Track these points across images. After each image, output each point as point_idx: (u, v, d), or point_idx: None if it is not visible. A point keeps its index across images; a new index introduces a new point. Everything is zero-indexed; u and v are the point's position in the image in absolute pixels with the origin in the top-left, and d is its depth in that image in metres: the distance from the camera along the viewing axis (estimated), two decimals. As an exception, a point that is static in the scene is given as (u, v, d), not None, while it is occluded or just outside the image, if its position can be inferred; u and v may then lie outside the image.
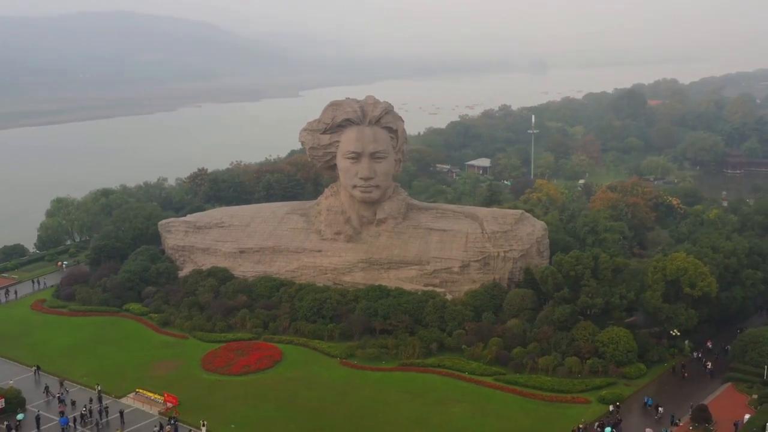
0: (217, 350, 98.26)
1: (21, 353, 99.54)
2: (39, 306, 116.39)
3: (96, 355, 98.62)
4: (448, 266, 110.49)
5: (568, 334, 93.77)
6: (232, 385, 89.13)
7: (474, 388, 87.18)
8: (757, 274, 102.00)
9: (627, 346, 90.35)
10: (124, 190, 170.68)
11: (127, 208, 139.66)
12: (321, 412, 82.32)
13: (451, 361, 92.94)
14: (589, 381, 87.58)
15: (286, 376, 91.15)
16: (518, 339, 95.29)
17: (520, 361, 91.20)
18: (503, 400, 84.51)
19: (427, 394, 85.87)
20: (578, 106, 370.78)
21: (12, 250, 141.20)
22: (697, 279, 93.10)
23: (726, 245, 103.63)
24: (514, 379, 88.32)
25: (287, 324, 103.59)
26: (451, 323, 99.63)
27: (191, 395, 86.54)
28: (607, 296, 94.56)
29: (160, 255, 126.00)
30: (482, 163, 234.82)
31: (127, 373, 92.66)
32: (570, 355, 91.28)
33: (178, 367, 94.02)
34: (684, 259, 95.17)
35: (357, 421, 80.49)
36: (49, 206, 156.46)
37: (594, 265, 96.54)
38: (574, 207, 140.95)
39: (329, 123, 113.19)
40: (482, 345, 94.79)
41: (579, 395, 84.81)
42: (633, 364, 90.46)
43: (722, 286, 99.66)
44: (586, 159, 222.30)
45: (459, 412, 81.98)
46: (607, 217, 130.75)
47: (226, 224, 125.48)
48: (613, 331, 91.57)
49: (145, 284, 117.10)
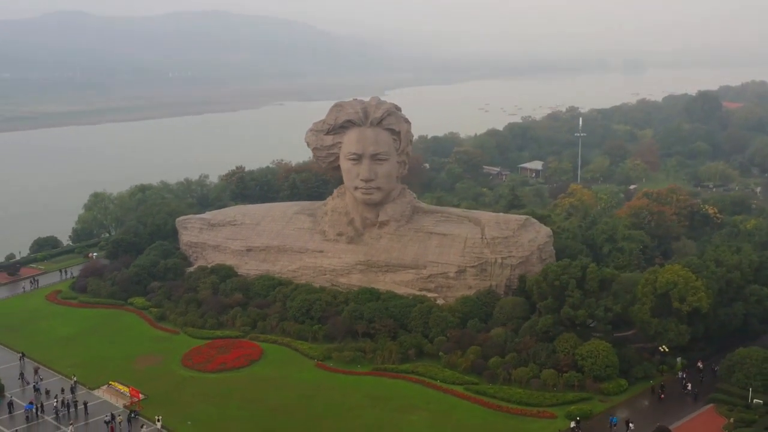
0: (202, 347, 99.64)
1: (18, 341, 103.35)
2: (53, 296, 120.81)
3: (87, 346, 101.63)
4: (444, 271, 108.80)
5: (550, 346, 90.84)
6: (204, 382, 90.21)
7: (441, 397, 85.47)
8: (763, 290, 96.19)
9: (606, 360, 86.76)
10: (164, 186, 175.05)
11: (152, 203, 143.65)
12: (281, 414, 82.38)
13: (425, 368, 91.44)
14: (562, 395, 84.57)
15: (259, 376, 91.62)
16: (498, 348, 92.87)
17: (494, 372, 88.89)
18: (467, 410, 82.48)
19: (392, 401, 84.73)
20: (653, 108, 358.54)
21: (45, 242, 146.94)
22: (688, 293, 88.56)
23: (731, 259, 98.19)
24: (483, 390, 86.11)
25: (275, 323, 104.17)
26: (435, 329, 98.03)
27: (161, 390, 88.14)
28: (591, 308, 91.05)
29: (173, 251, 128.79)
30: (535, 166, 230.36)
31: (109, 366, 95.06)
32: (548, 367, 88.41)
33: (159, 362, 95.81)
34: (675, 272, 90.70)
35: (313, 424, 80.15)
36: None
37: (581, 275, 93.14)
38: (595, 214, 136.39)
39: (332, 124, 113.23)
40: (460, 353, 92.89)
41: (546, 409, 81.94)
42: (613, 380, 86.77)
43: (723, 302, 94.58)
44: (640, 164, 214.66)
45: (417, 421, 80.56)
46: (627, 226, 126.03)
47: (238, 222, 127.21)
48: (592, 345, 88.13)
49: (153, 279, 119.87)
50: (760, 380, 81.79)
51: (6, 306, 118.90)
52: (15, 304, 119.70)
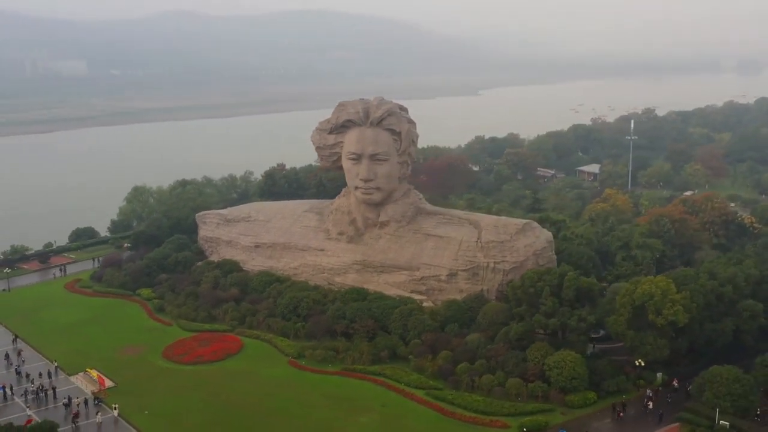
0: (187, 339, 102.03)
1: (23, 326, 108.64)
2: (72, 285, 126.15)
3: (83, 334, 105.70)
4: (436, 274, 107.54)
5: (521, 354, 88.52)
6: (177, 374, 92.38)
7: (399, 401, 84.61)
8: (757, 305, 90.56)
9: (572, 372, 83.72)
10: (207, 182, 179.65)
11: (181, 198, 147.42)
12: (236, 408, 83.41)
13: (393, 370, 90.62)
14: (523, 405, 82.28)
15: (230, 370, 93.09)
16: (469, 354, 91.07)
17: (460, 378, 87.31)
18: (420, 415, 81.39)
19: (349, 401, 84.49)
20: (742, 111, 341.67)
21: (83, 232, 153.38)
22: (664, 306, 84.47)
23: (724, 272, 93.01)
24: (443, 395, 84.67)
25: (262, 319, 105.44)
26: (412, 332, 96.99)
27: (133, 379, 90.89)
28: (564, 317, 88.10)
29: (190, 245, 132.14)
30: (592, 169, 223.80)
31: (95, 354, 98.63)
32: (515, 376, 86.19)
33: (141, 352, 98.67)
34: (654, 284, 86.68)
35: (262, 421, 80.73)
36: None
37: (558, 283, 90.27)
38: (613, 220, 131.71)
39: (334, 123, 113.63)
40: (431, 357, 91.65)
41: (500, 419, 79.87)
42: (580, 393, 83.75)
43: (712, 317, 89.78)
44: (701, 169, 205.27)
45: (366, 422, 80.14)
46: (645, 234, 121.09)
47: (251, 219, 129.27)
48: (561, 355, 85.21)
49: (163, 271, 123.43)
50: (729, 401, 77.22)
51: (27, 292, 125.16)
52: (36, 290, 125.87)
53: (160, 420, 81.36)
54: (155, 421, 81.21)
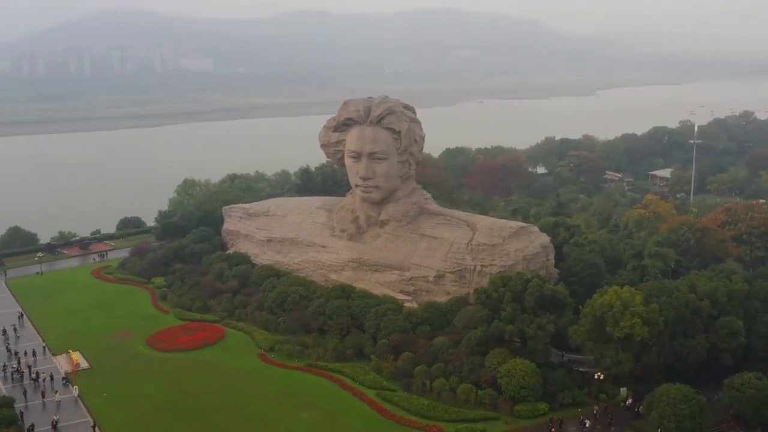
0: (176, 327, 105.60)
1: (36, 307, 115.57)
2: (98, 271, 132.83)
3: (85, 317, 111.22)
4: (425, 275, 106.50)
5: (479, 360, 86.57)
6: (150, 360, 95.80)
7: (348, 399, 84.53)
8: (736, 322, 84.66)
9: (521, 381, 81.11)
10: (259, 176, 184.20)
11: (217, 191, 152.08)
12: (191, 397, 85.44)
13: (352, 369, 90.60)
14: (467, 412, 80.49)
15: (201, 359, 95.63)
16: (430, 357, 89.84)
17: (411, 380, 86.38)
18: (361, 415, 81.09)
19: (298, 397, 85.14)
20: None
21: (129, 222, 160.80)
22: (623, 317, 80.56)
23: (704, 286, 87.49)
24: (391, 397, 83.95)
25: (250, 312, 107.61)
26: (383, 332, 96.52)
27: (110, 362, 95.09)
28: (523, 324, 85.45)
29: (212, 237, 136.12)
30: (664, 173, 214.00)
31: (87, 336, 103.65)
32: (469, 381, 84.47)
33: (129, 337, 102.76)
34: (617, 294, 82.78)
35: (207, 411, 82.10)
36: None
37: (522, 290, 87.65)
38: (631, 227, 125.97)
39: (337, 121, 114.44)
40: (393, 358, 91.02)
41: (438, 424, 78.44)
42: (529, 403, 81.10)
43: (687, 332, 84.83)
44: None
45: (305, 418, 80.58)
46: (660, 242, 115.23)
47: (270, 213, 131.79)
48: (513, 363, 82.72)
49: (179, 261, 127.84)
50: (674, 422, 72.78)
51: (57, 275, 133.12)
52: (65, 274, 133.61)
53: (114, 403, 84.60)
54: (109, 403, 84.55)
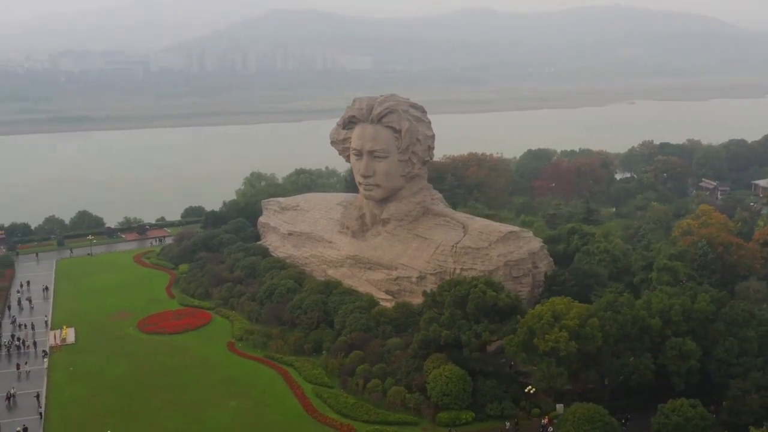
0: (169, 312, 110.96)
1: (68, 284, 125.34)
2: (138, 256, 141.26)
3: (99, 297, 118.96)
4: (409, 275, 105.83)
5: (419, 363, 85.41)
6: (130, 341, 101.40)
7: (284, 393, 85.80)
8: (688, 344, 78.31)
9: (444, 388, 79.38)
10: (329, 172, 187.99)
11: (269, 185, 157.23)
12: (144, 378, 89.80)
13: (302, 363, 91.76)
14: (388, 414, 79.93)
15: (174, 343, 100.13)
16: (376, 357, 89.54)
17: (350, 378, 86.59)
18: (286, 407, 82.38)
19: (238, 386, 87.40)
20: None
21: (193, 211, 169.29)
22: (550, 330, 76.99)
23: (658, 303, 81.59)
24: (323, 393, 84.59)
25: (242, 301, 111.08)
26: (347, 329, 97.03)
27: (94, 340, 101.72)
28: (458, 330, 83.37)
29: (247, 228, 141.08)
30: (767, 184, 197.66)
31: (90, 314, 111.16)
32: (403, 384, 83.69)
33: (125, 318, 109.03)
34: (549, 305, 79.12)
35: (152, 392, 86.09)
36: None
37: (465, 295, 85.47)
38: (650, 237, 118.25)
39: (343, 119, 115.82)
40: (343, 355, 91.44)
41: (352, 424, 78.52)
42: (453, 411, 79.22)
43: (635, 350, 79.78)
44: None
45: (233, 407, 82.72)
46: (674, 255, 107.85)
47: (299, 208, 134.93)
48: (441, 370, 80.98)
49: (206, 250, 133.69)
50: (576, 443, 69.14)
51: (102, 258, 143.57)
52: (110, 257, 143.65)
53: (75, 377, 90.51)
54: (71, 377, 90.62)
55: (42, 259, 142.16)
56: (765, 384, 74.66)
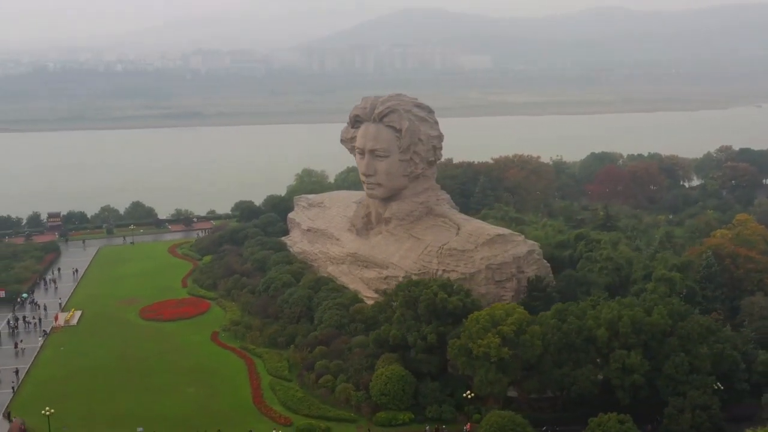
0: (173, 300, 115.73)
1: (99, 270, 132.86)
2: (173, 247, 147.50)
3: (118, 283, 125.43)
4: (396, 275, 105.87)
5: (369, 361, 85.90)
6: (127, 326, 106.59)
7: (241, 383, 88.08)
8: (632, 358, 74.93)
9: (383, 388, 79.66)
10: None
11: (313, 182, 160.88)
12: (123, 361, 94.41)
13: (270, 355, 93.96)
14: (328, 410, 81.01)
15: (164, 330, 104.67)
16: (336, 354, 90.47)
17: (303, 373, 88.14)
18: (238, 398, 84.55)
19: (203, 374, 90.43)
20: None
21: (242, 205, 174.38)
22: (483, 335, 75.76)
23: (608, 314, 78.45)
24: (277, 386, 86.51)
25: (242, 294, 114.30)
26: (322, 325, 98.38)
27: (95, 324, 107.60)
28: (405, 330, 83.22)
29: (276, 222, 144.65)
30: None
31: (102, 299, 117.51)
32: (352, 382, 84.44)
33: (131, 304, 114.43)
34: (489, 310, 77.83)
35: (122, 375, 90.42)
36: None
37: (416, 297, 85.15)
38: (656, 246, 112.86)
39: (350, 118, 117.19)
40: (308, 350, 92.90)
41: (289, 416, 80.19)
42: (390, 411, 79.33)
43: (580, 362, 77.34)
44: None
45: (190, 393, 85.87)
46: (677, 266, 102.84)
47: (323, 205, 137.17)
48: (384, 370, 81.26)
49: (231, 243, 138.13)
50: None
51: (140, 247, 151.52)
52: (147, 247, 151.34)
53: (62, 357, 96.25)
54: (58, 356, 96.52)
55: (89, 246, 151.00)
56: (702, 403, 70.78)
